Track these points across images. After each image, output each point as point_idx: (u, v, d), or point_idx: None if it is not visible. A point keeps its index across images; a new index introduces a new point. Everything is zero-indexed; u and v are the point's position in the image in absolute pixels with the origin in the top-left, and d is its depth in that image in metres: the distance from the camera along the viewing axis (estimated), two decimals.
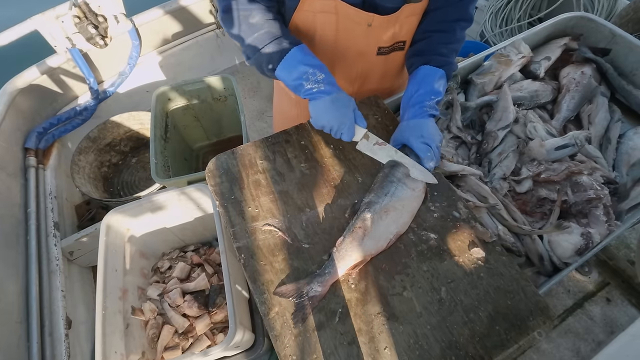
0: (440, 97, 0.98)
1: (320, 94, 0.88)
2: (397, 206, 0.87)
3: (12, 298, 1.34)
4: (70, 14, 1.90)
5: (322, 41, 1.02)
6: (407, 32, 1.03)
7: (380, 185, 0.91)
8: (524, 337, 0.74)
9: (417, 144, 0.94)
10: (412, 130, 0.96)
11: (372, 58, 1.06)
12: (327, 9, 0.93)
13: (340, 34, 0.99)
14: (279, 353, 0.75)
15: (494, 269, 0.82)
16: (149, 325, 1.26)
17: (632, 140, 1.32)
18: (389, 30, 0.99)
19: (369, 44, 1.02)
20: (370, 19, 0.94)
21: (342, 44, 1.02)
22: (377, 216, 0.86)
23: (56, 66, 2.03)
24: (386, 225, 0.85)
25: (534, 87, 1.42)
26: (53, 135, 1.99)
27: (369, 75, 1.14)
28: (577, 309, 1.36)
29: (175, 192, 1.27)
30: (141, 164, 2.26)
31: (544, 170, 1.19)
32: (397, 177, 0.91)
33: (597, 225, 1.10)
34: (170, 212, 1.34)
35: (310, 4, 0.92)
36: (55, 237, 1.60)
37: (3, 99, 1.79)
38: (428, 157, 0.93)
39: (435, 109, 0.97)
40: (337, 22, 0.96)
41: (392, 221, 0.86)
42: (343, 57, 1.06)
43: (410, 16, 0.98)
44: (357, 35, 0.99)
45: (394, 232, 0.86)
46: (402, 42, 1.05)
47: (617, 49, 1.49)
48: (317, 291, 0.79)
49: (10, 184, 1.64)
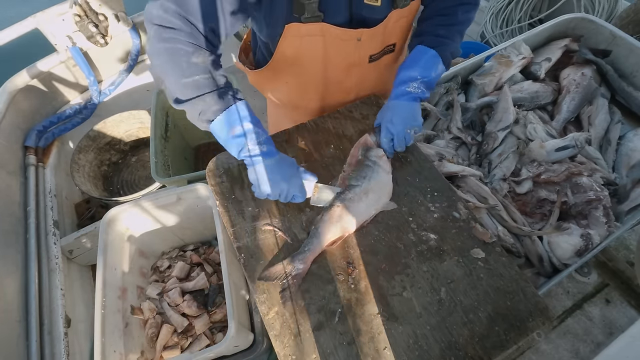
0: (429, 78, 0.93)
1: (263, 156, 0.81)
2: (375, 188, 0.90)
3: (11, 296, 1.34)
4: (71, 13, 1.91)
5: (311, 62, 0.99)
6: (396, 35, 1.01)
7: (358, 169, 0.93)
8: (523, 338, 0.74)
9: (384, 130, 0.96)
10: (386, 112, 0.96)
11: (365, 67, 1.04)
12: (313, 32, 0.90)
13: (329, 52, 0.96)
14: (278, 353, 0.75)
15: (493, 269, 0.82)
16: (148, 324, 1.26)
17: (632, 142, 1.32)
18: (378, 39, 0.97)
19: (360, 56, 1.00)
20: (359, 34, 0.92)
21: (332, 61, 0.99)
22: (357, 197, 0.89)
23: (56, 64, 2.03)
24: (366, 205, 0.89)
25: (534, 88, 1.42)
26: (53, 133, 1.99)
27: (364, 83, 1.12)
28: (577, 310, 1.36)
29: (175, 192, 1.27)
30: (141, 162, 2.26)
31: (544, 171, 1.19)
32: (372, 161, 0.94)
33: (597, 226, 1.10)
34: (170, 212, 1.34)
35: (296, 29, 0.88)
36: (54, 236, 1.60)
37: (3, 98, 1.78)
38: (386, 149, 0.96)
39: (422, 91, 0.94)
40: (325, 43, 0.93)
41: (373, 202, 0.89)
42: (335, 73, 1.04)
43: (398, 20, 0.96)
44: (347, 51, 0.97)
45: (373, 212, 0.89)
46: (392, 45, 1.03)
47: (617, 50, 1.49)
48: (299, 269, 0.81)
49: (10, 182, 1.64)
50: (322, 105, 1.17)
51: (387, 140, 0.95)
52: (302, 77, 1.06)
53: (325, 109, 1.18)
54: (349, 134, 1.06)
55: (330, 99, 1.14)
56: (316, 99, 1.14)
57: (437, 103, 1.44)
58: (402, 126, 0.94)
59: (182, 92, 0.77)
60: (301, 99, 1.16)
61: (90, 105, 2.17)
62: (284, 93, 1.17)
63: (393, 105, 0.96)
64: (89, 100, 2.18)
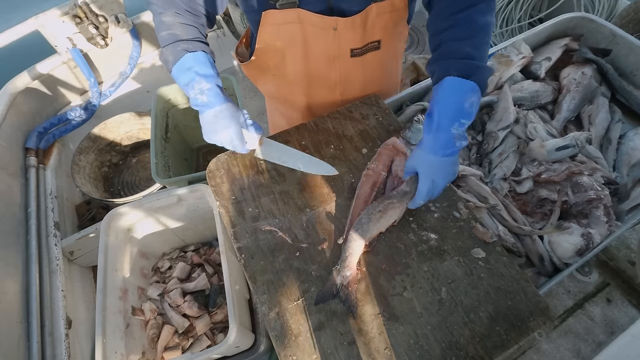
0: (471, 119, 0.76)
1: (203, 107, 0.84)
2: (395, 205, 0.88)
3: (12, 298, 1.34)
4: (71, 14, 1.91)
5: (293, 52, 1.00)
6: (380, 31, 0.99)
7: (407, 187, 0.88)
8: (524, 337, 0.74)
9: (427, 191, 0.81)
10: (427, 168, 0.81)
11: (347, 61, 1.03)
12: (290, 20, 0.91)
13: (308, 41, 0.97)
14: (279, 353, 0.75)
15: (494, 269, 0.82)
16: (149, 325, 1.26)
17: (632, 141, 1.32)
18: (356, 31, 0.96)
19: (340, 47, 0.99)
20: (334, 22, 0.92)
21: (313, 51, 1.00)
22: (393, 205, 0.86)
23: (57, 66, 2.03)
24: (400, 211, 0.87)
25: (534, 88, 1.42)
26: (53, 135, 1.99)
27: (349, 80, 1.10)
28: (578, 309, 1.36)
29: (176, 192, 1.27)
30: (141, 164, 2.26)
31: (544, 170, 1.19)
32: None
33: (598, 225, 1.10)
34: (170, 212, 1.34)
35: (272, 17, 0.91)
36: (55, 237, 1.60)
37: (4, 99, 1.79)
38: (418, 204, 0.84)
39: (464, 137, 0.77)
40: (303, 31, 0.94)
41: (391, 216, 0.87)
42: (317, 65, 1.04)
43: (380, 15, 0.94)
44: (326, 41, 0.97)
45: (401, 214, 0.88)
46: (376, 42, 1.01)
47: (617, 49, 1.49)
48: (347, 275, 0.80)
49: (11, 183, 1.64)
50: (308, 101, 1.17)
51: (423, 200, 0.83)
52: (285, 69, 1.07)
53: (312, 106, 1.19)
54: (349, 134, 1.06)
55: (315, 94, 1.14)
56: (301, 93, 1.15)
57: None
58: (443, 186, 0.82)
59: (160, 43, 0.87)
60: (288, 93, 1.17)
61: (91, 107, 2.17)
62: (273, 85, 1.18)
63: (433, 161, 0.79)
64: (90, 101, 2.18)
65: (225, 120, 0.85)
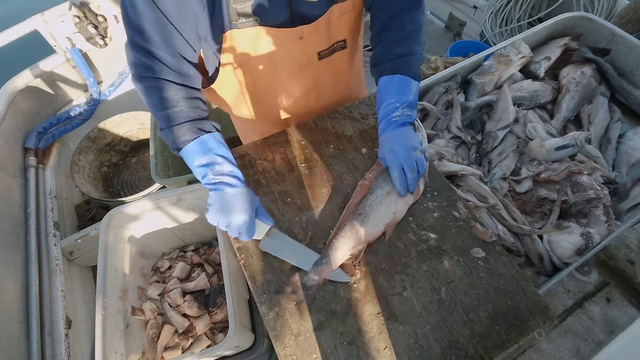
0: (407, 101, 0.90)
1: (222, 185, 0.82)
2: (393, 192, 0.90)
3: (12, 298, 1.34)
4: (70, 14, 1.90)
5: (260, 69, 0.96)
6: (344, 30, 0.98)
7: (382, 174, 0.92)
8: (523, 337, 0.74)
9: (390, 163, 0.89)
10: (384, 146, 0.91)
11: (316, 65, 1.00)
12: (253, 38, 0.88)
13: (274, 55, 0.93)
14: (278, 353, 0.75)
15: (493, 269, 0.82)
16: (149, 325, 1.26)
17: (631, 140, 1.32)
18: (322, 34, 0.94)
19: (307, 53, 0.96)
20: (300, 32, 0.89)
21: (281, 64, 0.96)
22: (377, 201, 0.88)
23: (56, 66, 2.03)
24: (386, 209, 0.88)
25: (533, 87, 1.43)
26: (53, 135, 1.99)
27: (321, 84, 1.08)
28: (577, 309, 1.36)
29: (176, 192, 1.27)
30: (141, 163, 2.26)
31: (543, 170, 1.19)
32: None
33: (597, 225, 1.10)
34: (170, 212, 1.34)
35: (230, 37, 0.86)
36: (55, 237, 1.60)
37: (3, 99, 1.78)
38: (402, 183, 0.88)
39: (408, 115, 0.90)
40: (268, 46, 0.91)
41: (392, 202, 0.88)
42: (288, 76, 1.01)
43: (342, 15, 0.93)
44: (293, 51, 0.94)
45: (391, 216, 0.88)
46: (342, 41, 1.00)
47: (617, 49, 1.49)
48: (315, 279, 0.81)
49: (10, 183, 1.64)
50: (284, 113, 1.13)
51: (399, 173, 0.88)
52: (255, 87, 1.02)
53: (289, 118, 1.15)
54: (348, 134, 1.07)
55: (291, 105, 1.10)
56: (275, 107, 1.10)
57: (436, 102, 1.44)
58: (405, 152, 0.88)
59: (160, 123, 0.85)
60: (261, 109, 1.12)
61: (90, 107, 2.16)
62: (242, 105, 1.10)
63: (385, 138, 0.91)
64: (89, 101, 2.18)
65: (244, 205, 0.82)
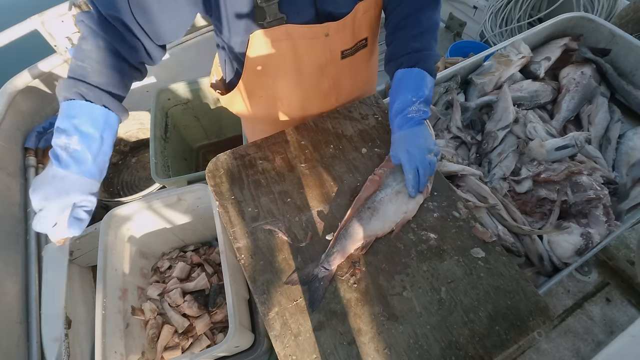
0: (423, 96, 0.88)
1: (55, 160, 0.73)
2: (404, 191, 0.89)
3: (11, 298, 1.34)
4: (70, 14, 1.90)
5: (283, 70, 0.96)
6: (366, 28, 0.97)
7: (393, 172, 0.92)
8: (523, 337, 0.74)
9: (405, 164, 0.87)
10: (399, 145, 0.90)
11: (338, 64, 1.00)
12: (279, 37, 0.87)
13: (299, 54, 0.93)
14: (278, 353, 0.75)
15: (493, 269, 0.82)
16: (149, 325, 1.26)
17: (631, 141, 1.32)
18: (347, 32, 0.93)
19: (332, 52, 0.96)
20: (326, 29, 0.88)
21: (305, 62, 0.95)
22: (387, 198, 0.88)
23: (56, 66, 2.03)
24: (396, 207, 0.88)
25: (533, 88, 1.43)
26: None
27: (341, 83, 1.08)
28: (577, 309, 1.36)
29: (175, 192, 1.27)
30: (141, 163, 2.26)
31: (543, 170, 1.20)
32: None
33: (597, 225, 1.10)
34: (170, 212, 1.34)
35: (260, 37, 0.86)
36: None
37: (3, 99, 1.78)
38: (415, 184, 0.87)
39: (423, 111, 0.88)
40: (293, 45, 0.90)
41: (403, 203, 0.88)
42: (310, 75, 1.00)
43: (366, 12, 0.93)
44: (318, 49, 0.93)
45: (402, 215, 0.88)
46: (364, 40, 1.00)
47: (616, 49, 1.49)
48: (326, 270, 0.81)
49: (10, 183, 1.64)
50: (303, 114, 1.13)
51: (414, 175, 0.86)
52: (275, 87, 1.02)
53: (307, 118, 1.13)
54: (348, 133, 1.06)
55: (310, 106, 1.10)
56: (295, 108, 1.10)
57: (436, 102, 1.44)
58: (421, 154, 0.86)
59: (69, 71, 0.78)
60: (280, 111, 1.11)
61: None
62: (260, 108, 1.10)
63: (401, 137, 0.89)
64: None
65: (53, 191, 0.71)
